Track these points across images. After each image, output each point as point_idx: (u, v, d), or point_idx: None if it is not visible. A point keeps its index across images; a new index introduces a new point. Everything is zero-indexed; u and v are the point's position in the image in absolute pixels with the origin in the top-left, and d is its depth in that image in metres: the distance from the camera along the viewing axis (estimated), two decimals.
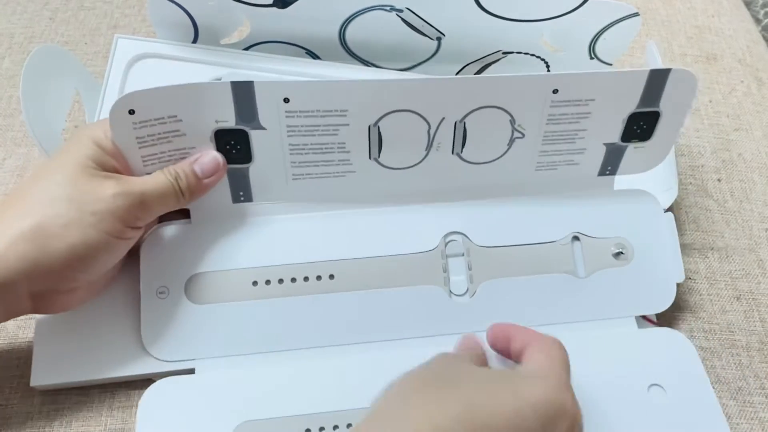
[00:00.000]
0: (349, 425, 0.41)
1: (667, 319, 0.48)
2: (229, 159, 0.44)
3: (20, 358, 0.44)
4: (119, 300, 0.44)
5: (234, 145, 0.43)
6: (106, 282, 0.43)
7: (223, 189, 0.45)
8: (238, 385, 0.42)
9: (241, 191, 0.45)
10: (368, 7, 0.49)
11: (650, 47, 0.49)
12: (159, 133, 0.41)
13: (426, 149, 0.45)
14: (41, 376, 0.42)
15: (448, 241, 0.47)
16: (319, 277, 0.45)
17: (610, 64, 0.54)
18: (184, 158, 0.43)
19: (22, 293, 0.38)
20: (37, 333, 0.43)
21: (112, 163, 0.41)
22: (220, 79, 0.50)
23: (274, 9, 0.49)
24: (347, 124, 0.43)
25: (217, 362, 0.43)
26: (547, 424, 0.33)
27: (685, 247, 0.52)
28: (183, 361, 0.43)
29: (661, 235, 0.48)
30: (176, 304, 0.44)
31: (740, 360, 0.47)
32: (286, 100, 0.42)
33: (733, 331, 0.48)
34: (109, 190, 0.39)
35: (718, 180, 0.56)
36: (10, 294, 0.37)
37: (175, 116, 0.41)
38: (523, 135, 0.45)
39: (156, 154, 0.42)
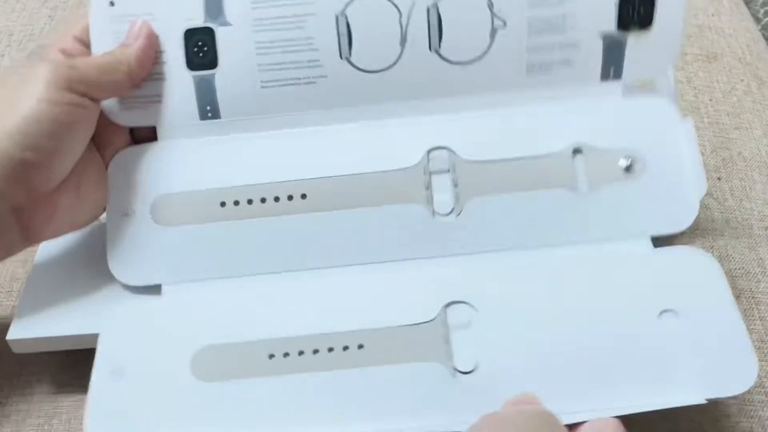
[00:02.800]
0: (315, 351, 0.39)
1: None
2: (196, 65, 0.43)
3: (19, 356, 0.44)
4: None
5: (201, 47, 0.43)
6: (91, 197, 0.43)
7: (189, 104, 0.44)
8: (201, 309, 0.41)
9: (209, 105, 0.44)
10: None
11: None
12: None
13: (400, 44, 0.43)
14: (20, 330, 0.41)
15: (432, 156, 0.43)
16: (290, 197, 0.42)
17: None
18: None
19: (4, 209, 0.38)
20: (26, 288, 0.43)
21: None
22: None
23: None
24: (314, 14, 0.42)
25: (184, 287, 0.42)
26: None
27: None
28: (150, 286, 0.42)
29: (678, 144, 0.42)
30: (142, 227, 0.42)
31: None
32: None
33: None
34: (38, 64, 0.39)
35: (718, 178, 0.56)
36: None
37: (152, 14, 0.42)
38: (505, 24, 0.42)
39: None
